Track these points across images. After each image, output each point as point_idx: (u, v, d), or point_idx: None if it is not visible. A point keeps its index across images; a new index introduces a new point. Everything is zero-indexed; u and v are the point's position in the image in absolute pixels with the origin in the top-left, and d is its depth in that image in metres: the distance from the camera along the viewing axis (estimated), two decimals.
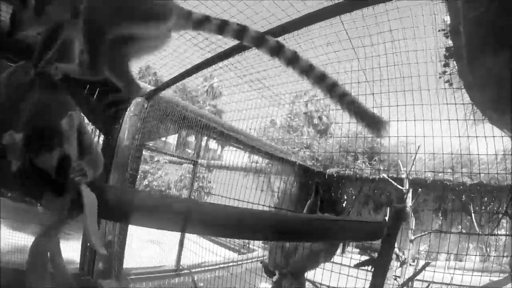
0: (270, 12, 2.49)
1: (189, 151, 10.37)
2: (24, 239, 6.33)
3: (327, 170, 6.90)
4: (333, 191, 7.09)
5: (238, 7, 2.47)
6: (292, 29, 2.36)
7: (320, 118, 9.84)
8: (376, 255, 2.57)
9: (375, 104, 3.31)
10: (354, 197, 7.28)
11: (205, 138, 5.23)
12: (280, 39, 2.53)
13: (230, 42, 2.83)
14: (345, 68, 2.71)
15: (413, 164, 4.72)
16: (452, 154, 4.17)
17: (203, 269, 5.07)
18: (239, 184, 5.82)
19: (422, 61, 2.78)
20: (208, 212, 1.08)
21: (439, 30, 2.64)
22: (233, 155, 7.34)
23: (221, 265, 5.29)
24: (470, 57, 2.81)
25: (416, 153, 4.43)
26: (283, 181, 7.22)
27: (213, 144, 9.41)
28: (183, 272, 4.75)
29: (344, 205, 7.24)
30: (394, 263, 4.78)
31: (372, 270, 1.89)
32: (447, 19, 2.69)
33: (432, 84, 3.30)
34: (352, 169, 6.86)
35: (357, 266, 2.10)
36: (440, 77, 3.22)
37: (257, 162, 8.13)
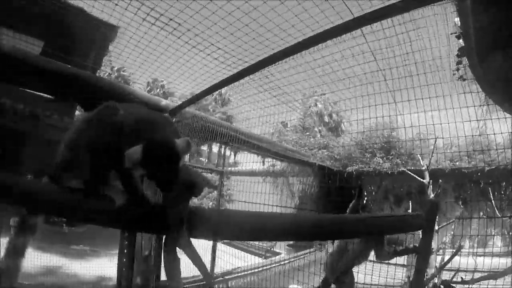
0: (295, 29, 2.81)
1: (202, 159, 10.72)
2: (52, 261, 6.68)
3: (347, 169, 7.19)
4: (352, 188, 7.35)
5: (259, 20, 2.77)
6: (315, 43, 2.70)
7: (330, 115, 10.13)
8: (399, 247, 2.92)
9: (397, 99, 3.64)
10: (374, 193, 7.54)
11: (228, 148, 5.54)
12: (304, 52, 2.86)
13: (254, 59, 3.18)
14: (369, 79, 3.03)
15: (431, 155, 4.99)
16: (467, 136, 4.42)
17: (235, 275, 5.37)
18: (260, 190, 6.14)
19: (438, 61, 3.10)
20: (281, 221, 1.39)
21: (452, 33, 2.96)
22: (249, 160, 7.66)
23: (252, 270, 5.59)
24: (480, 55, 3.15)
25: (435, 144, 4.71)
26: (302, 183, 7.53)
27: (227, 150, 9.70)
28: (217, 280, 5.06)
29: (365, 201, 7.50)
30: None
31: (415, 257, 2.21)
32: (458, 20, 3.01)
33: (448, 80, 3.62)
34: (371, 166, 7.13)
35: (401, 253, 2.43)
36: (454, 74, 3.55)
37: (274, 166, 8.48)
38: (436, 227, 5.23)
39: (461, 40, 3.15)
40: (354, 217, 1.93)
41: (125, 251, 4.14)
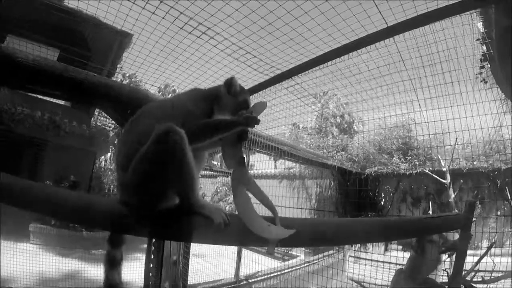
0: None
1: (214, 162, 10.89)
2: (73, 265, 6.88)
3: (366, 170, 7.36)
4: (370, 190, 7.52)
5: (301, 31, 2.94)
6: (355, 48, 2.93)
7: (342, 116, 10.27)
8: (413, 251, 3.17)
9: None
10: (391, 194, 7.68)
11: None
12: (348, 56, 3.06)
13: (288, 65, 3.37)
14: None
15: (452, 156, 5.18)
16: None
17: (259, 278, 5.57)
18: (277, 193, 6.32)
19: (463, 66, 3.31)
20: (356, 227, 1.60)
21: (476, 39, 3.17)
22: (262, 164, 7.85)
23: (275, 273, 5.80)
24: (501, 58, 3.38)
25: (456, 144, 4.88)
26: (319, 185, 7.73)
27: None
28: (242, 283, 5.26)
29: (382, 202, 7.65)
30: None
31: (455, 254, 2.42)
32: (480, 26, 3.22)
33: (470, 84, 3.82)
34: (389, 167, 7.28)
35: (443, 252, 2.68)
36: (477, 77, 3.77)
37: (290, 168, 8.69)
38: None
39: (484, 47, 3.37)
40: (419, 217, 2.17)
41: (153, 256, 4.22)
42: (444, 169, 5.14)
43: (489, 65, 3.64)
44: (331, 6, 2.55)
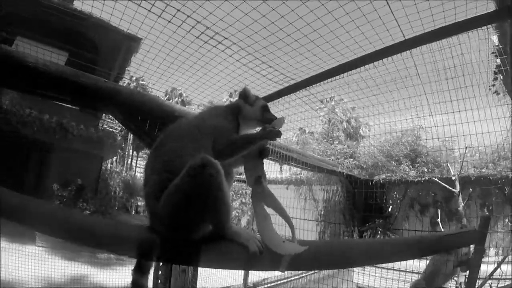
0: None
1: None
2: (80, 270, 6.89)
3: (374, 177, 7.37)
4: (378, 197, 7.53)
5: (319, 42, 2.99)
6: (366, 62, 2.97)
7: (348, 121, 10.29)
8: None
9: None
10: (399, 201, 7.70)
11: None
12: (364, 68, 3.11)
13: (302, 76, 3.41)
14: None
15: (462, 164, 5.19)
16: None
17: (267, 285, 5.59)
18: (285, 203, 6.34)
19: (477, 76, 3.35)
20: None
21: (491, 53, 3.21)
22: (269, 169, 7.88)
23: (283, 280, 5.81)
24: None
25: (465, 152, 4.89)
26: (327, 191, 7.76)
27: None
28: None
29: (390, 209, 7.67)
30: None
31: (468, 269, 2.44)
32: (495, 40, 3.26)
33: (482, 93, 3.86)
34: (397, 174, 7.29)
35: (457, 265, 2.68)
36: (489, 89, 3.83)
37: (297, 174, 8.73)
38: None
39: (498, 60, 3.41)
40: (437, 236, 2.20)
41: (161, 264, 4.21)
42: (453, 178, 5.14)
43: (501, 78, 3.70)
44: (351, 19, 2.60)
